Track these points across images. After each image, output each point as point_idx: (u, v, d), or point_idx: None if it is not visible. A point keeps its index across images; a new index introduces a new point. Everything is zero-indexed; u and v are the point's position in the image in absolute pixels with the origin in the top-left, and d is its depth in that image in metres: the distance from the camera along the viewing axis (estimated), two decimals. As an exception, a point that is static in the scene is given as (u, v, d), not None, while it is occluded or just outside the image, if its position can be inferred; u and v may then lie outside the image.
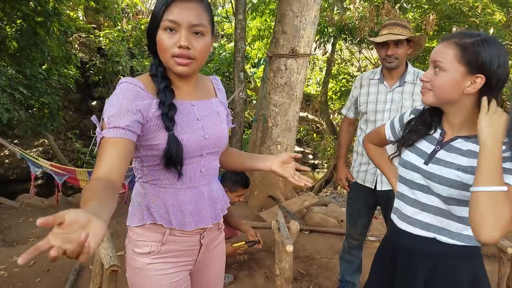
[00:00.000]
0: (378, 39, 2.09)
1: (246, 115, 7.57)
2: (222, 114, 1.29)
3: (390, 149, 1.47)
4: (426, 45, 7.74)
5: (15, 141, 9.72)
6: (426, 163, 1.20)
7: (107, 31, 10.22)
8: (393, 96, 2.16)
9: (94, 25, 11.04)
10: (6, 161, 9.93)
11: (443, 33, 7.38)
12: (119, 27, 10.78)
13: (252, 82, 9.86)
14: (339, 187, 9.19)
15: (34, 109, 7.11)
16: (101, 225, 0.67)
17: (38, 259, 3.27)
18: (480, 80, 1.07)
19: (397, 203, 1.33)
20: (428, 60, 1.18)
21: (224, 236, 1.44)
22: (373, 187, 2.27)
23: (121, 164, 0.98)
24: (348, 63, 9.73)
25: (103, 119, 1.04)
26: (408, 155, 1.27)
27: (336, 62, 8.97)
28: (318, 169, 12.04)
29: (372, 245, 3.86)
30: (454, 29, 6.75)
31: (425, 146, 1.24)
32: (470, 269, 1.19)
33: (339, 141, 2.72)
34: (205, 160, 1.22)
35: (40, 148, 10.54)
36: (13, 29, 6.23)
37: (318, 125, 10.70)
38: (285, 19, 4.53)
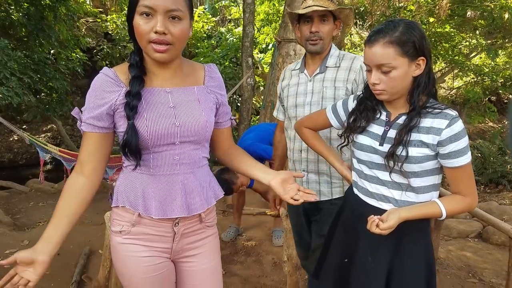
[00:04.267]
0: (302, 11, 1.65)
1: (253, 101, 7.51)
2: (205, 103, 1.24)
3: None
4: (438, 29, 7.60)
5: (23, 127, 9.81)
6: (381, 144, 1.30)
7: (114, 15, 10.15)
8: (314, 86, 1.75)
9: (101, 10, 10.96)
10: (15, 146, 10.04)
11: (455, 18, 7.21)
12: (126, 12, 10.69)
13: (260, 68, 9.76)
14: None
15: (43, 94, 7.13)
16: (41, 263, 1.05)
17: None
18: (422, 61, 1.22)
19: (360, 181, 1.41)
20: (440, 45, 1.17)
21: (216, 231, 1.40)
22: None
23: (97, 156, 1.16)
24: (358, 48, 9.57)
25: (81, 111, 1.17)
26: (362, 139, 1.36)
27: (346, 46, 8.82)
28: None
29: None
30: (468, 13, 6.58)
31: (375, 129, 1.34)
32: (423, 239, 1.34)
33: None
34: (179, 149, 1.20)
35: (48, 134, 10.63)
36: (20, 14, 6.21)
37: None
38: (294, 2, 4.44)
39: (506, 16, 6.32)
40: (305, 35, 1.68)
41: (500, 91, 10.80)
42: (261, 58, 9.23)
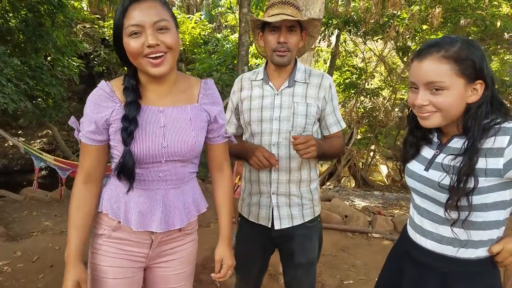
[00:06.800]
0: (270, 19, 1.50)
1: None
2: (196, 122, 1.23)
3: None
4: (432, 36, 7.68)
5: (19, 132, 9.78)
6: (426, 169, 1.15)
7: (111, 21, 10.18)
8: (282, 99, 1.61)
9: (98, 16, 11.00)
10: (11, 152, 10.01)
11: (448, 24, 7.29)
12: (123, 18, 10.71)
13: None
14: (342, 180, 9.21)
15: (39, 99, 7.14)
16: (83, 274, 1.18)
17: (42, 255, 3.32)
18: (480, 86, 1.04)
19: (411, 211, 1.27)
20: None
21: (195, 238, 1.41)
22: (269, 226, 1.66)
23: (96, 166, 1.20)
24: (353, 55, 9.65)
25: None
26: (412, 164, 1.23)
27: (341, 54, 8.89)
28: (322, 161, 12.04)
29: (377, 242, 3.86)
30: (462, 21, 6.66)
31: (425, 151, 1.20)
32: (485, 284, 1.11)
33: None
34: (165, 166, 1.21)
35: (44, 139, 10.61)
36: (18, 20, 6.23)
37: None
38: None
39: (498, 24, 6.40)
40: (271, 45, 1.55)
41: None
42: (257, 65, 9.28)
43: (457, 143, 1.09)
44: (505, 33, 7.26)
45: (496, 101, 1.06)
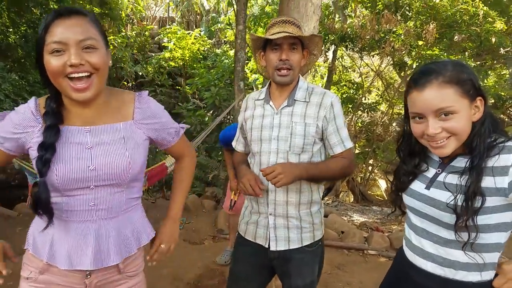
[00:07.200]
0: (272, 36, 1.50)
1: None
2: (132, 140, 1.13)
3: None
4: (428, 52, 7.76)
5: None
6: (427, 187, 1.13)
7: (112, 37, 10.30)
8: (281, 119, 1.58)
9: (98, 32, 11.12)
10: (8, 166, 9.97)
11: (444, 40, 7.37)
12: (123, 33, 10.88)
13: (254, 89, 9.88)
14: (341, 195, 9.17)
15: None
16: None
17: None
18: (480, 102, 1.04)
19: (407, 231, 1.23)
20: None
21: (140, 281, 1.26)
22: (266, 246, 1.62)
23: None
24: (350, 70, 9.73)
25: None
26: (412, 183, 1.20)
27: (338, 69, 8.97)
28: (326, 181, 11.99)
29: (373, 259, 3.81)
30: (456, 37, 6.74)
31: (427, 171, 1.17)
32: None
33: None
34: (95, 193, 1.08)
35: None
36: (18, 36, 6.32)
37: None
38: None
39: (493, 40, 6.47)
40: (273, 63, 1.54)
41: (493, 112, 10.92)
42: (255, 79, 9.35)
43: (461, 162, 1.08)
44: (501, 48, 7.35)
45: (493, 119, 1.07)
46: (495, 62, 8.63)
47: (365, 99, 9.04)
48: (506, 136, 1.04)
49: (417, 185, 1.16)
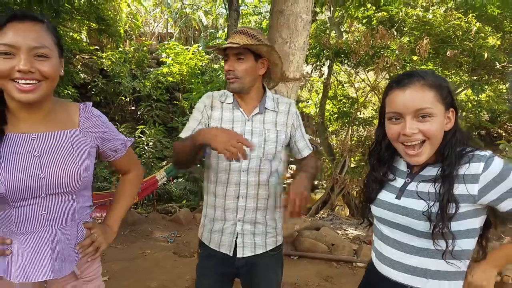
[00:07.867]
0: (216, 49, 1.60)
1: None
2: (80, 148, 1.11)
3: None
4: (423, 67, 7.83)
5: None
6: (398, 197, 1.13)
7: (110, 52, 10.44)
8: (253, 126, 1.60)
9: (97, 47, 11.30)
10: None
11: (440, 56, 7.45)
12: (122, 49, 11.04)
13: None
14: (336, 209, 9.11)
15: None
16: None
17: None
18: (452, 114, 1.07)
19: (376, 243, 1.22)
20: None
21: (100, 284, 1.24)
22: (231, 254, 1.61)
23: None
24: (346, 85, 9.81)
25: None
26: (380, 193, 1.20)
27: (333, 84, 9.04)
28: (317, 190, 11.96)
29: (361, 272, 3.76)
30: (448, 53, 6.81)
31: (394, 181, 1.18)
32: None
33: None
34: (47, 202, 1.06)
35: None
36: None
37: (317, 145, 10.70)
38: (274, 45, 4.60)
39: (486, 55, 6.53)
40: (225, 72, 1.60)
41: (488, 126, 10.96)
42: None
43: (430, 171, 1.10)
44: (497, 63, 7.41)
45: (462, 132, 1.09)
46: (491, 77, 8.69)
47: (360, 114, 9.08)
48: (475, 146, 1.07)
49: (387, 196, 1.16)
